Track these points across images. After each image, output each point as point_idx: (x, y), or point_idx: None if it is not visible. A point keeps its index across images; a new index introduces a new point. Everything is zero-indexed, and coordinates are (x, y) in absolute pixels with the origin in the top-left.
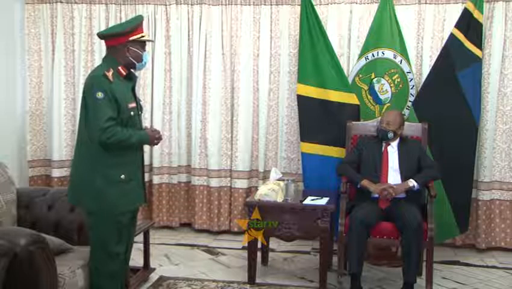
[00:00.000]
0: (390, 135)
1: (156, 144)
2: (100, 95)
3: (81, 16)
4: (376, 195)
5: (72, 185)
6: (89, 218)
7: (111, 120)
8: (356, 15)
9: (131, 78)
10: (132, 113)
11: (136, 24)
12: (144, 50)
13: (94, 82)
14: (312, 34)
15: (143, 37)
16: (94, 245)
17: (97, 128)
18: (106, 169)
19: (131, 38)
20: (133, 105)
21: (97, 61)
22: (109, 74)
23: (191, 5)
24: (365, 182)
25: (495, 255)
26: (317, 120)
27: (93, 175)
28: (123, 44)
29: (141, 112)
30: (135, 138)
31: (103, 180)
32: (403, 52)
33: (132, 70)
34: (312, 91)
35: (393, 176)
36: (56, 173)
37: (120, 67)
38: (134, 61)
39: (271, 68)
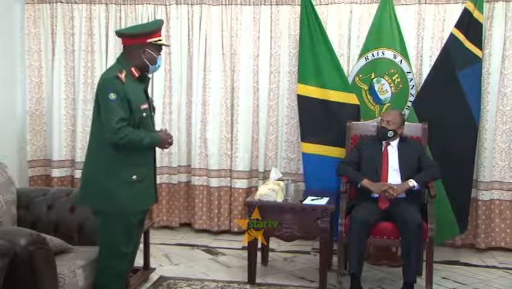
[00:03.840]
0: (390, 134)
1: (167, 148)
2: (112, 96)
3: (81, 16)
4: (376, 195)
5: (84, 185)
6: (99, 218)
7: (123, 121)
8: (356, 15)
9: (143, 79)
10: (144, 114)
11: (156, 27)
12: (159, 54)
13: (106, 83)
14: (312, 34)
15: (160, 40)
16: (104, 245)
17: (109, 129)
18: (119, 169)
19: (148, 41)
20: (145, 106)
21: (97, 61)
22: (122, 75)
23: (191, 5)
24: (365, 182)
25: (495, 255)
26: (317, 120)
27: (105, 175)
28: (140, 45)
29: (154, 113)
30: (147, 140)
31: (116, 180)
32: (403, 52)
33: (145, 73)
34: (312, 91)
35: (393, 176)
36: (56, 173)
37: (132, 68)
38: (148, 63)
39: (271, 68)
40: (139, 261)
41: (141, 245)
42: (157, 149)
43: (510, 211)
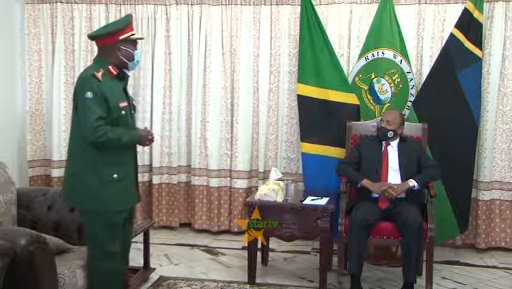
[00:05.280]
0: (390, 134)
1: (148, 144)
2: (89, 95)
3: (81, 16)
4: (376, 195)
5: (66, 184)
6: (83, 217)
7: (101, 120)
8: (356, 15)
9: (123, 78)
10: (123, 112)
11: (125, 23)
12: (136, 49)
13: (83, 82)
14: (312, 34)
15: (133, 35)
16: (90, 244)
17: (87, 128)
18: (99, 168)
19: (121, 38)
20: (124, 104)
21: None
22: (99, 74)
23: (191, 5)
24: (365, 182)
25: (495, 255)
26: (317, 120)
27: (86, 174)
28: (114, 44)
29: (134, 112)
30: (126, 138)
31: (96, 179)
32: (403, 52)
33: (124, 70)
34: (312, 91)
35: (393, 176)
36: (56, 173)
37: (110, 67)
38: (125, 60)
39: (271, 68)
40: (139, 261)
41: (141, 245)
42: (157, 149)
43: (510, 211)
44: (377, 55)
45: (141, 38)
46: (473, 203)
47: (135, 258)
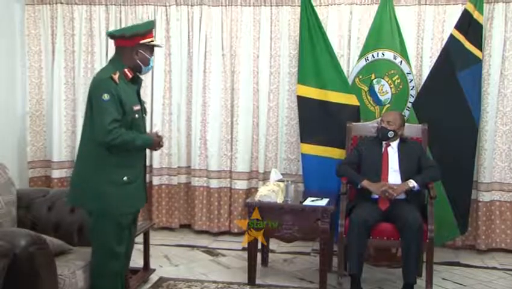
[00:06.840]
0: (391, 134)
1: (157, 150)
2: (106, 97)
3: (81, 17)
4: (376, 196)
5: (74, 186)
6: (91, 219)
7: (116, 122)
8: (356, 16)
9: (136, 81)
10: (136, 115)
11: (148, 28)
12: (152, 55)
13: (100, 84)
14: (312, 35)
15: (152, 41)
16: (96, 245)
17: (102, 130)
18: (110, 170)
19: (141, 42)
20: (138, 107)
21: (98, 62)
22: (116, 76)
23: (191, 6)
24: (365, 183)
25: (495, 256)
26: (317, 121)
27: (96, 176)
28: (133, 47)
29: (145, 115)
30: (140, 141)
31: (107, 181)
32: (403, 53)
33: (137, 74)
34: (312, 92)
35: (393, 177)
36: (56, 174)
37: (126, 70)
38: (141, 64)
39: (271, 69)
40: (139, 262)
41: (141, 246)
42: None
43: (510, 212)
44: (377, 56)
45: (159, 46)
46: (473, 204)
47: (135, 259)
